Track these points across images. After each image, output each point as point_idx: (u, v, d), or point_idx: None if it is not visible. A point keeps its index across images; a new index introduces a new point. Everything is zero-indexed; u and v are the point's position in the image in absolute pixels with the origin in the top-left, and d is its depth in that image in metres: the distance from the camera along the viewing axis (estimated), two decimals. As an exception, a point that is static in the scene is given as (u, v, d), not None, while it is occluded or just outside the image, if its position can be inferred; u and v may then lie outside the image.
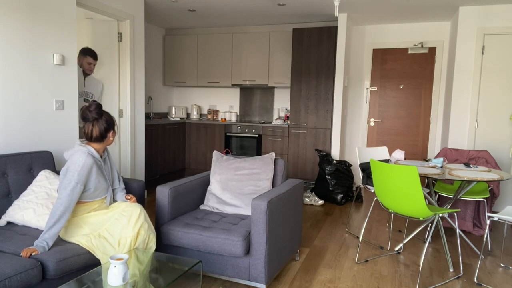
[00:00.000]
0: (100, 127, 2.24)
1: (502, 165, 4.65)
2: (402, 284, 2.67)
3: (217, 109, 6.55)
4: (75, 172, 2.12)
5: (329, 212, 4.47)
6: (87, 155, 2.17)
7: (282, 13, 5.26)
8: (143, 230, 2.16)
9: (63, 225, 2.10)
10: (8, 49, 2.81)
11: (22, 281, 1.81)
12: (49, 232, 2.05)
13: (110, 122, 2.29)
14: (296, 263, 2.98)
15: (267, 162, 2.93)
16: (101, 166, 2.29)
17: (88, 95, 3.95)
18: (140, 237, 2.14)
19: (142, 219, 2.18)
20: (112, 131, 2.31)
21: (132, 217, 2.16)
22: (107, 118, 2.28)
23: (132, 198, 2.47)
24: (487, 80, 4.64)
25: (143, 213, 2.21)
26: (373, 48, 5.68)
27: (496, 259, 3.18)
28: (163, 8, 5.15)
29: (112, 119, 2.32)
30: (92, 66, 3.89)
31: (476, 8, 4.59)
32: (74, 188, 2.11)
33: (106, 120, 2.27)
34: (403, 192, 2.62)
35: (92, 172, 2.19)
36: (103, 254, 2.11)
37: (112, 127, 2.31)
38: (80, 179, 2.12)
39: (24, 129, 2.96)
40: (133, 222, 2.15)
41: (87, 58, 3.83)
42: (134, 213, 2.18)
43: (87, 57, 3.83)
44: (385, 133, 5.75)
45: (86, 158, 2.16)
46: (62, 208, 2.08)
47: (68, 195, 2.10)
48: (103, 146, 2.31)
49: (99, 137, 2.25)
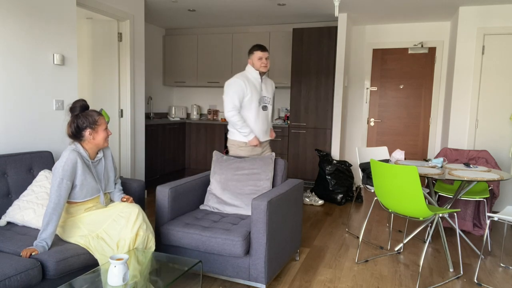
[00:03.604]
0: (73, 126, 2.24)
1: (502, 165, 4.65)
2: (402, 284, 2.67)
3: (217, 109, 6.55)
4: (59, 168, 2.14)
5: (329, 212, 4.47)
6: (71, 151, 2.19)
7: (282, 13, 5.26)
8: (142, 231, 2.15)
9: (56, 222, 2.09)
10: (8, 49, 2.81)
11: (22, 281, 1.81)
12: (45, 232, 2.05)
13: (85, 121, 2.24)
14: (296, 263, 2.98)
15: (267, 162, 2.93)
16: (89, 166, 2.28)
17: (266, 100, 3.32)
18: (139, 238, 2.14)
19: (140, 219, 2.17)
20: (90, 129, 2.24)
21: (130, 218, 2.15)
22: (84, 117, 2.24)
23: (129, 199, 2.43)
24: (487, 80, 4.64)
25: (141, 213, 2.20)
26: (373, 48, 5.68)
27: (496, 259, 3.19)
28: (163, 8, 5.15)
29: (91, 118, 2.25)
30: (264, 61, 3.20)
31: (476, 8, 4.59)
32: (60, 183, 2.11)
33: (83, 119, 2.24)
34: (403, 192, 2.62)
35: (77, 167, 2.18)
36: (101, 255, 2.11)
37: (90, 125, 2.24)
38: (64, 174, 2.13)
39: (24, 129, 2.96)
40: (132, 223, 2.14)
41: (256, 54, 3.20)
42: (132, 214, 2.17)
43: (255, 53, 3.20)
44: (385, 133, 5.75)
45: (69, 154, 2.17)
46: (52, 205, 2.09)
47: (56, 191, 2.10)
48: (91, 146, 2.28)
49: (73, 135, 2.25)
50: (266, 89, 3.32)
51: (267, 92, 3.34)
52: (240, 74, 3.21)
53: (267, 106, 3.33)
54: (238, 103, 3.14)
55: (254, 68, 3.22)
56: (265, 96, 3.30)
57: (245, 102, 3.16)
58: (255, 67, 3.22)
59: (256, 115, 3.23)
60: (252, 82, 3.21)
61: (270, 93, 3.38)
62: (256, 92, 3.21)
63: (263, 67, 3.21)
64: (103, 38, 4.35)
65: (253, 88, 3.19)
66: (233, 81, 3.15)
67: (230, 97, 3.13)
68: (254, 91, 3.19)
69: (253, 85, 3.20)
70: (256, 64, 3.20)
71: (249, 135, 3.19)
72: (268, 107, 3.34)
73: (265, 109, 3.31)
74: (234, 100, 3.13)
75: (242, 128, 3.16)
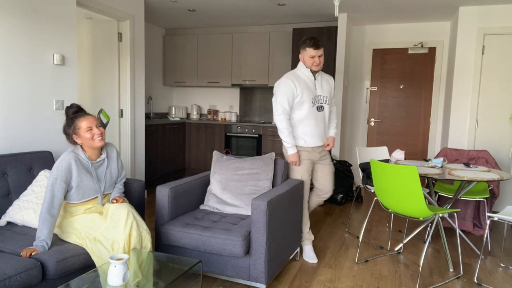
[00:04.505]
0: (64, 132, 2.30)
1: (502, 165, 4.65)
2: (402, 284, 2.67)
3: (217, 109, 6.55)
4: (54, 169, 2.17)
5: (329, 212, 4.47)
6: (68, 153, 2.22)
7: (282, 13, 5.26)
8: (134, 231, 2.11)
9: (52, 223, 2.08)
10: (8, 49, 2.81)
11: (22, 281, 1.81)
12: (43, 232, 2.05)
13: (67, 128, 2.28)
14: (296, 263, 2.98)
15: (267, 162, 2.93)
16: (88, 167, 2.28)
17: (321, 99, 2.99)
18: (133, 239, 2.10)
19: (131, 218, 2.13)
20: (74, 134, 2.25)
21: (120, 220, 2.12)
22: (67, 123, 2.29)
23: (119, 199, 2.36)
24: (487, 80, 4.64)
25: (131, 213, 2.15)
26: (373, 48, 5.68)
27: (496, 259, 3.18)
28: (163, 8, 5.15)
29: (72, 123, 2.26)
30: (317, 59, 2.86)
31: (476, 8, 4.59)
32: (54, 183, 2.13)
33: (66, 125, 2.29)
34: (403, 192, 2.62)
35: (72, 169, 2.20)
36: (98, 258, 2.10)
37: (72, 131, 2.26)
38: (58, 174, 2.14)
39: (24, 129, 2.96)
40: (123, 225, 2.10)
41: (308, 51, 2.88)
42: (122, 215, 2.13)
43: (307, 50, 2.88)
44: (385, 133, 5.75)
45: (66, 155, 2.20)
46: (46, 205, 2.10)
47: (49, 190, 2.12)
48: (87, 147, 2.29)
49: (68, 140, 2.31)
50: (321, 87, 2.97)
51: (323, 91, 2.98)
52: (290, 73, 2.92)
53: (323, 106, 2.98)
54: (287, 106, 2.86)
55: (306, 66, 2.91)
56: (320, 95, 2.96)
57: (296, 103, 2.87)
58: (307, 65, 2.89)
59: (309, 117, 2.91)
60: (303, 81, 2.89)
61: (327, 91, 3.01)
62: (309, 92, 2.88)
63: (316, 66, 2.87)
64: (103, 38, 4.35)
65: (304, 87, 2.87)
66: (282, 81, 2.87)
67: (279, 100, 2.86)
68: (306, 90, 2.87)
69: (304, 84, 2.88)
70: (308, 62, 2.87)
71: (291, 148, 2.92)
72: (324, 107, 2.99)
73: (321, 109, 2.96)
74: (283, 103, 2.84)
75: (286, 137, 2.89)
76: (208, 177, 3.08)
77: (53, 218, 2.10)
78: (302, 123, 2.93)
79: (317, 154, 3.04)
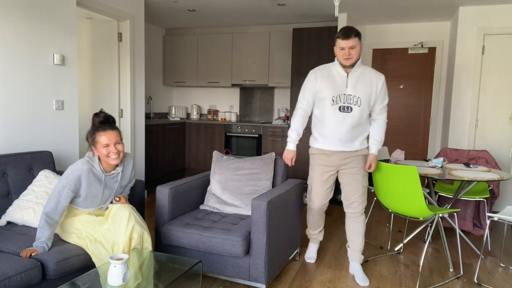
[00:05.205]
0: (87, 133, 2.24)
1: (502, 165, 4.65)
2: (402, 284, 2.67)
3: (217, 109, 6.55)
4: (65, 176, 2.12)
5: (329, 212, 4.47)
6: (82, 162, 2.15)
7: (282, 13, 5.26)
8: (136, 233, 2.11)
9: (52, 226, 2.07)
10: (8, 49, 2.81)
11: (22, 281, 1.81)
12: (43, 234, 2.04)
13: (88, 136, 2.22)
14: (296, 263, 2.98)
15: (267, 162, 2.93)
16: (100, 179, 2.22)
17: (350, 100, 2.60)
18: (134, 241, 2.10)
19: (132, 222, 2.12)
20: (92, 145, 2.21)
21: (122, 222, 2.11)
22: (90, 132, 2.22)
23: (122, 199, 2.35)
24: (487, 80, 4.64)
25: (132, 215, 2.14)
26: (373, 48, 5.68)
27: (496, 259, 3.18)
28: (163, 8, 5.15)
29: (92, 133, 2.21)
30: (347, 51, 2.52)
31: (476, 8, 4.59)
32: (61, 191, 2.10)
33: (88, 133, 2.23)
34: (403, 192, 2.62)
35: (82, 180, 2.15)
36: (98, 259, 2.09)
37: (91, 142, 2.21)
38: (68, 183, 2.10)
39: (24, 129, 2.96)
40: (124, 227, 2.09)
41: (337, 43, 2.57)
42: (124, 217, 2.12)
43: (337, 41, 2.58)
44: (385, 133, 5.75)
45: (80, 165, 2.14)
46: (49, 208, 2.08)
47: (55, 196, 2.09)
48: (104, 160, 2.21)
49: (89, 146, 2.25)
50: (355, 85, 2.58)
51: (356, 90, 2.57)
52: (323, 65, 2.69)
53: (352, 107, 2.57)
54: (305, 99, 2.69)
55: (337, 60, 2.62)
56: (350, 94, 2.57)
57: (318, 98, 2.67)
58: (338, 59, 2.60)
59: (329, 117, 2.63)
60: (332, 76, 2.62)
61: (363, 92, 2.58)
62: (333, 88, 2.59)
63: (345, 60, 2.53)
64: (103, 38, 4.35)
65: (329, 82, 2.60)
66: (309, 72, 2.71)
67: (301, 91, 2.73)
68: (330, 86, 2.59)
69: (331, 79, 2.61)
70: (338, 54, 2.56)
71: (289, 144, 2.76)
72: (353, 109, 2.57)
73: (346, 110, 2.58)
74: (301, 96, 2.71)
75: (289, 131, 2.76)
76: (208, 177, 3.08)
77: (54, 223, 2.10)
78: (321, 122, 2.69)
79: (338, 161, 2.69)
